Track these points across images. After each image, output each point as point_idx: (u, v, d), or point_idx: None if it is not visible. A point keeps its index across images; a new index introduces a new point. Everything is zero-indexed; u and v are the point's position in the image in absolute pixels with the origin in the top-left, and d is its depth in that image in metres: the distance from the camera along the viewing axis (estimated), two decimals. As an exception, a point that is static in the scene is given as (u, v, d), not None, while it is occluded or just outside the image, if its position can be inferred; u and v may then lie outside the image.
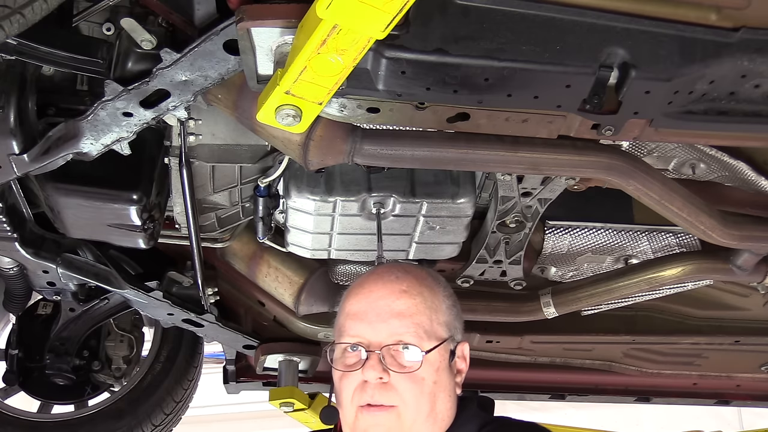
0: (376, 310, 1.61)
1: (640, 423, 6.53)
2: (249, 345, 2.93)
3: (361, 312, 1.62)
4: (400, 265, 1.74)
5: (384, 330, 1.58)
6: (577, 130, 1.82)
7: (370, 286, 1.65)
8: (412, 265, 1.83)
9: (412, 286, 1.63)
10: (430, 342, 1.60)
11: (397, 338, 1.58)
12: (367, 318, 1.61)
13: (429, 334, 1.60)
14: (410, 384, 1.57)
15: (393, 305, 1.60)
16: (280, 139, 1.89)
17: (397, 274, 1.66)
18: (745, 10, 1.59)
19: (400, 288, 1.62)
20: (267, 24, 1.56)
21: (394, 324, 1.59)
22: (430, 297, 1.65)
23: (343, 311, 1.67)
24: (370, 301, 1.62)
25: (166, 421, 3.15)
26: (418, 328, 1.59)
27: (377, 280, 1.65)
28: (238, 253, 2.71)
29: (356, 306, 1.64)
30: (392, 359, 1.57)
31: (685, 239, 2.64)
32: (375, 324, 1.59)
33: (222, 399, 3.82)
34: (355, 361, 1.59)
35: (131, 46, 1.79)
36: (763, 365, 3.25)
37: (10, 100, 1.91)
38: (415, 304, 1.61)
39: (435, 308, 1.64)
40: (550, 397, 3.37)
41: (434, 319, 1.63)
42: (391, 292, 1.62)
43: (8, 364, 3.16)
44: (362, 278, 1.70)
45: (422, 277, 1.68)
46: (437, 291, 1.68)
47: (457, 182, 2.30)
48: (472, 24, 1.55)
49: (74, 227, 2.32)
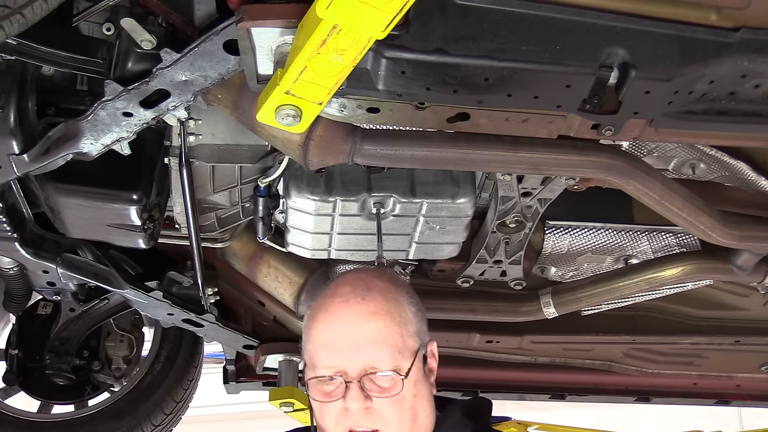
0: (348, 338, 1.58)
1: (640, 423, 6.53)
2: (249, 345, 2.93)
3: (332, 341, 1.59)
4: (360, 280, 1.67)
5: (360, 359, 1.56)
6: (577, 130, 1.83)
7: (337, 312, 1.61)
8: (372, 272, 1.76)
9: (378, 305, 1.60)
10: (405, 360, 1.59)
11: (374, 366, 1.56)
12: (340, 347, 1.58)
13: (403, 351, 1.59)
14: (392, 406, 1.57)
15: (364, 331, 1.58)
16: (280, 139, 1.89)
17: (362, 294, 1.62)
18: (745, 10, 1.59)
19: (368, 310, 1.59)
20: (267, 24, 1.56)
21: (370, 351, 1.57)
22: (398, 311, 1.62)
23: (312, 339, 1.63)
24: (340, 328, 1.59)
25: (166, 421, 3.15)
26: (392, 349, 1.58)
27: (343, 305, 1.61)
28: (238, 253, 2.71)
29: (326, 335, 1.61)
30: (372, 384, 1.56)
31: (685, 239, 2.64)
32: (350, 353, 1.57)
33: (222, 399, 3.82)
34: (334, 389, 1.58)
35: (131, 46, 1.79)
36: (763, 365, 3.25)
37: (10, 100, 1.91)
38: (385, 325, 1.59)
39: (404, 322, 1.62)
40: (550, 397, 3.37)
41: (405, 333, 1.61)
42: (360, 316, 1.59)
43: (8, 364, 3.16)
44: (325, 300, 1.65)
45: (386, 291, 1.64)
46: (402, 301, 1.65)
47: (457, 182, 2.30)
48: (472, 24, 1.55)
49: (74, 227, 2.32)
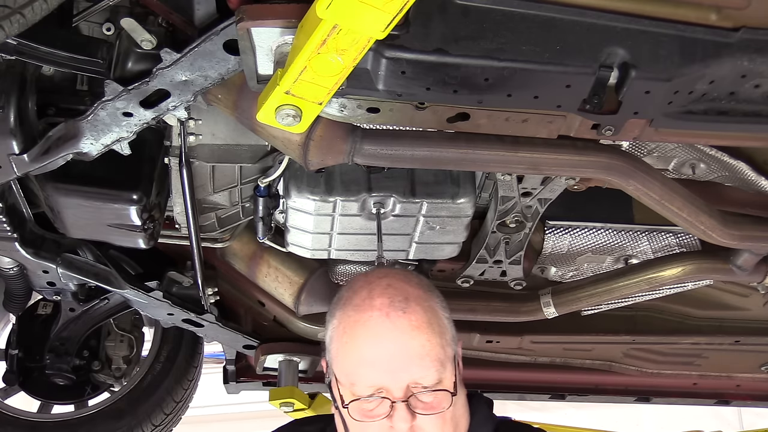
0: (392, 355, 1.53)
1: (640, 423, 6.54)
2: (249, 345, 2.93)
3: (375, 359, 1.54)
4: (394, 288, 1.60)
5: (405, 376, 1.52)
6: (577, 130, 1.82)
7: (378, 328, 1.55)
8: (405, 278, 1.67)
9: (419, 318, 1.56)
10: (447, 371, 1.56)
11: (418, 381, 1.53)
12: (383, 365, 1.53)
13: (444, 363, 1.56)
14: (435, 421, 1.54)
15: (409, 347, 1.53)
16: (280, 139, 1.89)
17: (401, 306, 1.56)
18: (745, 10, 1.59)
19: (410, 324, 1.55)
20: (267, 24, 1.56)
21: (414, 368, 1.53)
22: (436, 321, 1.59)
23: (350, 355, 1.57)
24: (383, 345, 1.54)
25: (166, 421, 3.15)
26: (436, 363, 1.55)
27: (384, 321, 1.55)
28: (238, 253, 2.71)
29: (367, 351, 1.55)
30: (418, 402, 1.53)
31: (685, 239, 2.64)
32: (394, 371, 1.52)
33: (222, 399, 3.82)
34: (376, 407, 1.54)
35: (131, 46, 1.79)
36: (763, 365, 3.25)
37: (10, 100, 1.91)
38: (428, 339, 1.55)
39: (442, 332, 1.59)
40: (550, 397, 3.37)
41: (444, 343, 1.58)
42: (402, 332, 1.54)
43: (8, 364, 3.16)
44: (362, 314, 1.58)
45: (423, 300, 1.60)
46: (437, 309, 1.62)
47: (457, 182, 2.30)
48: (472, 24, 1.55)
49: (74, 227, 2.32)
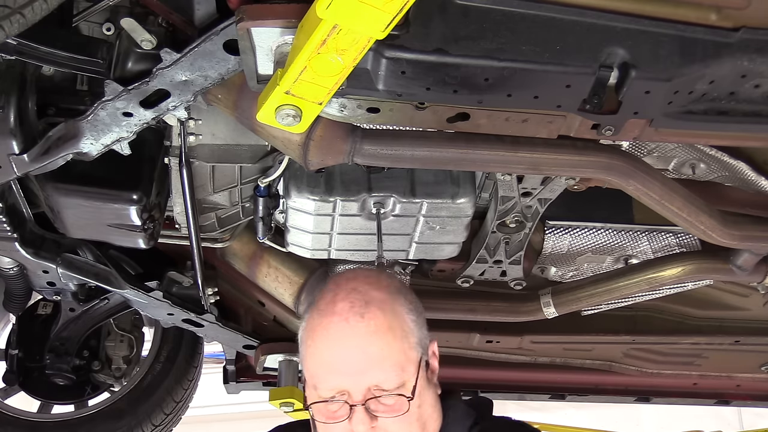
0: (350, 359, 1.54)
1: (640, 423, 6.54)
2: (249, 345, 2.93)
3: (333, 363, 1.55)
4: (357, 292, 1.60)
5: (364, 380, 1.53)
6: (577, 130, 1.82)
7: (337, 333, 1.56)
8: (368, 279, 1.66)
9: (378, 322, 1.56)
10: (409, 375, 1.56)
11: (378, 385, 1.53)
12: (342, 369, 1.54)
13: (406, 367, 1.56)
14: (399, 422, 1.54)
15: (368, 352, 1.54)
16: (280, 139, 1.89)
17: (360, 311, 1.56)
18: (745, 10, 1.59)
19: (368, 329, 1.55)
20: (267, 24, 1.56)
21: (374, 372, 1.53)
22: (398, 325, 1.58)
23: (312, 358, 1.59)
24: (341, 349, 1.55)
25: (166, 421, 3.15)
26: (396, 367, 1.55)
27: (342, 325, 1.56)
28: (238, 253, 2.71)
29: (326, 356, 1.56)
30: (378, 404, 1.54)
31: (685, 239, 2.64)
32: (353, 375, 1.53)
33: (222, 399, 3.82)
34: (338, 409, 1.55)
35: (131, 46, 1.79)
36: (763, 365, 3.25)
37: (10, 100, 1.91)
38: (387, 344, 1.55)
39: (405, 335, 1.58)
40: (550, 397, 3.37)
41: (407, 347, 1.58)
42: (361, 336, 1.55)
43: (8, 364, 3.16)
44: (323, 319, 1.59)
45: (384, 304, 1.59)
46: (401, 312, 1.60)
47: (457, 182, 2.30)
48: (472, 24, 1.55)
49: (74, 227, 2.32)
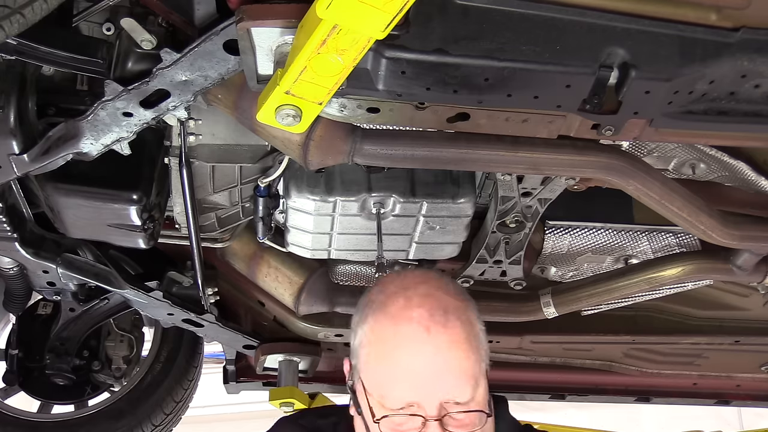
0: (428, 371, 1.46)
1: (640, 423, 6.53)
2: (249, 345, 2.93)
3: (411, 374, 1.47)
4: (433, 298, 1.52)
5: (440, 394, 1.46)
6: (577, 130, 1.82)
7: (416, 342, 1.48)
8: (443, 286, 1.58)
9: (458, 332, 1.49)
10: (480, 387, 1.51)
11: (454, 400, 1.47)
12: (418, 381, 1.46)
13: (478, 379, 1.51)
14: None
15: (446, 364, 1.47)
16: (280, 139, 1.89)
17: (441, 319, 1.49)
18: (745, 10, 1.59)
19: (449, 339, 1.48)
20: (267, 24, 1.56)
21: (450, 386, 1.47)
22: (474, 335, 1.53)
23: (384, 365, 1.51)
24: (420, 361, 1.47)
25: (166, 421, 3.15)
26: (471, 380, 1.49)
27: (423, 334, 1.47)
28: (238, 253, 2.71)
29: (403, 366, 1.48)
30: (451, 419, 1.47)
31: (685, 239, 2.64)
32: (430, 388, 1.46)
33: (222, 399, 3.82)
34: (406, 422, 1.47)
35: (131, 46, 1.79)
36: (763, 365, 3.25)
37: (10, 100, 1.91)
38: (466, 356, 1.49)
39: (478, 346, 1.53)
40: (550, 397, 3.37)
41: (479, 359, 1.53)
42: (441, 347, 1.47)
43: (8, 364, 3.16)
44: (399, 325, 1.50)
45: (461, 312, 1.53)
46: (474, 322, 1.55)
47: (457, 182, 2.30)
48: (472, 24, 1.55)
49: (74, 227, 2.32)
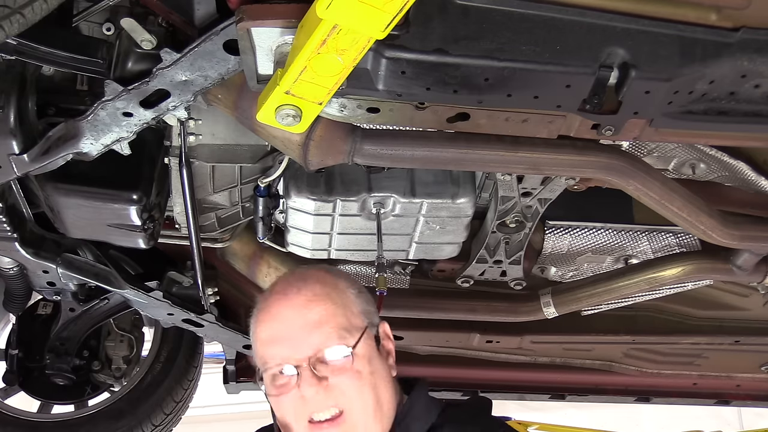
0: (291, 328, 1.57)
1: (640, 423, 6.54)
2: (249, 345, 2.93)
3: (277, 336, 1.59)
4: (296, 274, 1.70)
5: (306, 344, 1.56)
6: (577, 130, 1.82)
7: (277, 307, 1.61)
8: (308, 267, 1.78)
9: (316, 292, 1.61)
10: (353, 337, 1.58)
11: (321, 346, 1.56)
12: (285, 339, 1.57)
13: (349, 330, 1.59)
14: (349, 380, 1.55)
15: (306, 318, 1.57)
16: (280, 139, 1.89)
17: (297, 285, 1.62)
18: (745, 10, 1.59)
19: (306, 298, 1.59)
20: (267, 24, 1.56)
21: (315, 335, 1.56)
22: (337, 294, 1.62)
23: (258, 339, 1.63)
24: (282, 321, 1.59)
25: (166, 421, 3.15)
26: (338, 329, 1.57)
27: (281, 299, 1.61)
28: (238, 253, 2.71)
29: (269, 331, 1.60)
30: (323, 365, 1.55)
31: (685, 239, 2.64)
32: (295, 342, 1.56)
33: (222, 399, 3.82)
34: (288, 380, 1.56)
35: (131, 46, 1.79)
36: (763, 365, 3.25)
37: (10, 100, 1.91)
38: (326, 308, 1.59)
39: (345, 303, 1.62)
40: (550, 397, 3.37)
41: (349, 314, 1.61)
42: (299, 305, 1.59)
43: (8, 364, 3.17)
44: (264, 302, 1.65)
45: (322, 278, 1.65)
46: (341, 285, 1.65)
47: (457, 182, 2.30)
48: (472, 24, 1.55)
49: (74, 227, 2.32)
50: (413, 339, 2.96)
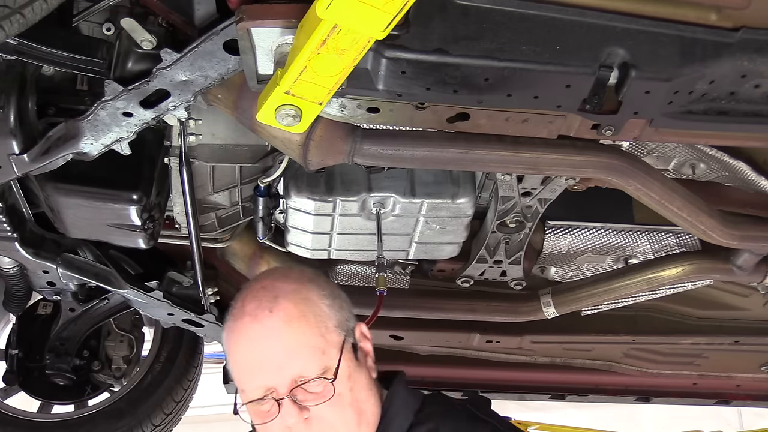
0: (267, 355, 1.53)
1: (640, 423, 6.54)
2: (249, 345, 2.93)
3: (253, 363, 1.55)
4: (264, 289, 1.60)
5: (284, 373, 1.52)
6: (577, 130, 1.82)
7: (249, 332, 1.55)
8: (276, 275, 1.70)
9: (289, 312, 1.55)
10: (332, 358, 1.54)
11: (302, 374, 1.52)
12: (262, 367, 1.54)
13: (327, 350, 1.55)
14: (330, 407, 1.53)
15: (283, 343, 1.53)
16: (280, 139, 1.89)
17: (269, 306, 1.55)
18: (745, 10, 1.59)
19: (279, 322, 1.54)
20: (267, 24, 1.56)
21: (293, 362, 1.52)
22: (311, 311, 1.57)
23: (234, 363, 1.59)
24: (256, 348, 1.54)
25: (166, 421, 3.15)
26: (315, 352, 1.53)
27: (253, 323, 1.55)
28: (238, 253, 2.71)
29: (245, 357, 1.56)
30: (305, 393, 1.52)
31: (685, 239, 2.64)
32: (273, 370, 1.52)
33: (222, 399, 3.82)
34: (269, 408, 1.54)
35: (131, 46, 1.79)
36: (763, 365, 3.25)
37: (10, 100, 1.91)
38: (301, 331, 1.54)
39: (320, 320, 1.57)
40: (550, 397, 3.37)
41: (324, 331, 1.56)
42: (272, 330, 1.54)
43: (8, 364, 3.17)
44: (235, 322, 1.59)
45: (293, 294, 1.58)
46: (313, 298, 1.59)
47: (457, 182, 2.30)
48: (472, 24, 1.55)
49: (74, 227, 2.32)
50: (413, 339, 2.96)
